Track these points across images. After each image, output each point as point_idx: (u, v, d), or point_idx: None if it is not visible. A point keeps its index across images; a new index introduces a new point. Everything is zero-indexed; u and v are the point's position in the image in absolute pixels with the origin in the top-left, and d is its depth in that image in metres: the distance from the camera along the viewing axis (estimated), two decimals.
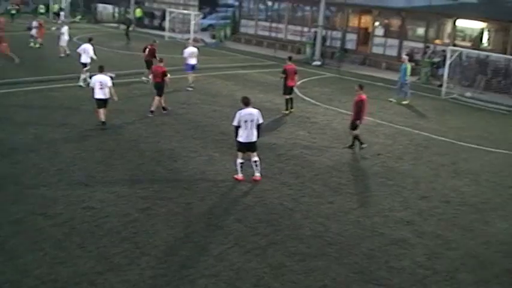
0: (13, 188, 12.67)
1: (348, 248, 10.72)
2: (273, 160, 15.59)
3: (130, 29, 39.98)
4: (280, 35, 41.63)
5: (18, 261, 9.56)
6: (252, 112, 13.43)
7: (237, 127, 13.44)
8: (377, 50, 35.98)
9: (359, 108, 16.64)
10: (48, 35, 36.83)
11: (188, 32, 41.89)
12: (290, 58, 21.95)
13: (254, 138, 13.54)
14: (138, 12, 51.83)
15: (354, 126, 16.90)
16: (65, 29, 31.84)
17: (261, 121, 13.56)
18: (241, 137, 13.47)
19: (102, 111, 17.65)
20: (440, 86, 27.30)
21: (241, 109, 13.51)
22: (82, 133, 17.07)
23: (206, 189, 13.22)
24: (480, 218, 12.57)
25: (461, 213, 12.76)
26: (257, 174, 13.83)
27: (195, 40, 40.50)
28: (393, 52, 34.88)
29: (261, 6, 44.92)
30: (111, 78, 18.23)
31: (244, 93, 23.56)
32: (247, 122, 13.34)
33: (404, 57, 25.39)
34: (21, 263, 9.49)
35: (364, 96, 16.76)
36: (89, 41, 24.81)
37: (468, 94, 26.81)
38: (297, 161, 15.74)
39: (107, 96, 17.57)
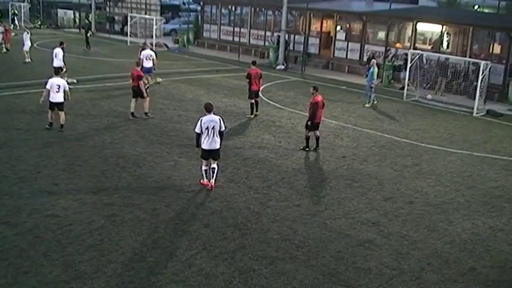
0: None
1: (315, 250, 10.77)
2: (239, 164, 15.58)
3: (89, 34, 39.43)
4: (243, 40, 41.66)
5: None
6: (214, 119, 13.19)
7: (199, 134, 13.25)
8: (339, 53, 36.30)
9: (314, 110, 16.98)
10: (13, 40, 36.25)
11: (151, 36, 41.61)
12: (254, 63, 22.05)
13: (217, 146, 13.33)
14: (93, 17, 51.36)
15: (308, 127, 17.21)
16: (26, 35, 31.40)
17: (223, 128, 13.37)
18: (204, 144, 13.27)
19: (52, 113, 17.78)
20: (402, 88, 27.72)
21: (203, 116, 13.35)
22: (45, 140, 16.77)
23: (172, 195, 13.13)
24: (444, 218, 12.78)
25: (426, 214, 12.95)
26: (212, 181, 13.54)
27: (158, 45, 40.39)
28: (355, 56, 35.27)
29: (224, 11, 44.92)
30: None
31: (209, 98, 23.80)
32: (209, 128, 13.12)
33: (373, 60, 25.73)
34: None
35: (319, 97, 17.12)
36: (60, 44, 24.92)
37: (429, 96, 27.27)
38: (263, 164, 15.77)
39: (63, 99, 17.75)
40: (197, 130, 13.24)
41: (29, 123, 18.46)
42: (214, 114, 13.32)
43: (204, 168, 13.61)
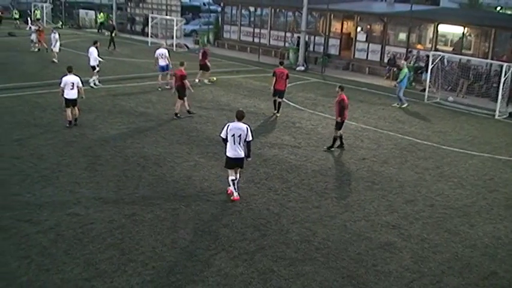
0: None
1: (335, 252, 10.73)
2: (259, 165, 15.58)
3: (113, 34, 39.72)
4: (263, 41, 41.67)
5: (3, 268, 9.45)
6: (241, 127, 12.61)
7: (224, 139, 12.80)
8: (360, 55, 36.14)
9: (341, 107, 17.08)
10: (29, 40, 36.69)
11: (171, 37, 41.80)
12: (281, 63, 22.58)
13: (241, 155, 12.77)
14: (101, 17, 51.62)
15: (337, 125, 17.35)
16: (55, 35, 31.93)
17: (250, 138, 12.75)
18: (229, 152, 12.77)
19: (69, 111, 18.18)
20: (423, 90, 27.52)
21: (231, 121, 12.98)
22: (66, 139, 16.93)
23: (192, 195, 13.17)
24: (465, 221, 12.66)
25: (447, 217, 12.84)
26: (230, 188, 13.06)
27: (179, 46, 40.57)
28: (376, 57, 35.10)
29: (244, 12, 44.98)
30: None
31: (229, 99, 23.90)
32: (235, 136, 12.58)
33: (403, 62, 25.61)
34: (7, 271, 9.39)
35: (344, 96, 17.24)
36: (94, 43, 25.31)
37: (450, 98, 27.04)
38: (283, 166, 15.75)
39: (76, 96, 18.19)
40: (222, 135, 12.77)
41: (51, 123, 18.65)
42: (243, 122, 12.77)
43: (231, 178, 12.97)
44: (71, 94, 18.03)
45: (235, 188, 13.00)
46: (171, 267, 9.81)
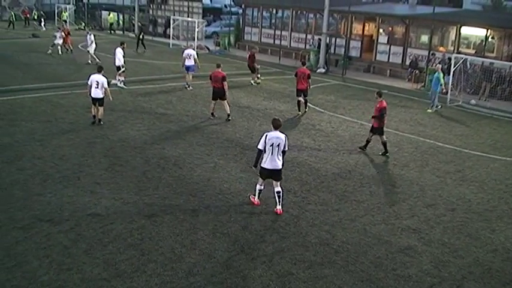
0: (19, 194, 12.71)
1: (354, 255, 10.69)
2: None
3: (141, 37, 39.98)
4: (284, 43, 41.65)
5: (25, 267, 9.57)
6: (279, 136, 12.14)
7: (261, 151, 12.21)
8: (381, 57, 35.96)
9: (382, 114, 17.19)
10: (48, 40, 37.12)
11: (193, 39, 42.00)
12: (303, 63, 23.26)
13: (279, 166, 12.29)
14: (111, 18, 51.98)
15: (373, 130, 17.50)
16: (90, 37, 32.68)
17: (287, 148, 12.39)
18: (265, 163, 12.23)
19: (94, 108, 18.87)
20: (445, 93, 27.26)
21: (268, 131, 12.45)
22: (88, 140, 17.09)
23: (212, 197, 13.21)
24: (487, 226, 12.52)
25: (468, 221, 12.71)
26: (278, 207, 12.44)
27: (200, 47, 40.74)
28: (397, 59, 34.88)
29: (265, 14, 45.00)
30: (109, 83, 18.99)
31: (249, 101, 23.93)
32: (273, 146, 12.07)
33: (438, 65, 25.47)
34: (28, 269, 9.50)
35: (384, 102, 17.31)
36: (120, 44, 25.74)
37: (473, 101, 26.76)
38: (302, 168, 15.73)
39: (102, 95, 18.67)
40: (260, 146, 12.18)
41: (72, 123, 18.85)
42: (281, 131, 12.34)
43: (259, 187, 12.67)
44: (95, 93, 18.53)
45: (259, 196, 12.79)
46: (190, 268, 9.85)
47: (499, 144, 19.79)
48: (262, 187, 12.68)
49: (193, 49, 27.18)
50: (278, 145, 12.12)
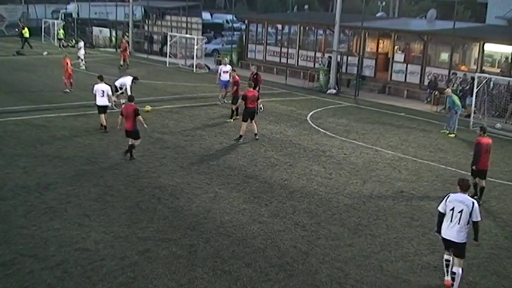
0: (0, 227, 12.68)
1: None
2: (285, 198, 15.55)
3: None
4: (291, 61, 41.87)
5: None
6: (463, 200, 10.91)
7: (442, 214, 11.18)
8: (397, 77, 36.05)
9: (476, 152, 16.31)
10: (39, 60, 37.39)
11: (191, 57, 42.23)
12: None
13: (458, 239, 10.91)
14: (60, 33, 52.74)
15: (472, 172, 16.47)
16: (81, 43, 35.83)
17: (478, 219, 10.90)
18: (443, 230, 11.13)
19: (103, 116, 21.24)
20: (468, 116, 27.27)
21: (453, 192, 11.46)
22: (76, 167, 17.12)
23: (211, 230, 13.17)
24: None
25: (495, 257, 12.63)
26: (455, 284, 11.12)
27: (199, 66, 40.98)
28: (415, 79, 34.97)
29: (270, 30, 45.31)
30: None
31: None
32: (454, 211, 10.89)
33: (448, 90, 25.67)
34: None
35: (484, 139, 16.27)
36: (134, 79, 25.89)
37: (498, 125, 26.75)
38: (312, 198, 15.69)
39: (107, 103, 21.41)
40: (440, 209, 11.22)
41: (59, 149, 18.89)
42: (464, 193, 11.11)
43: (446, 257, 11.39)
44: (101, 101, 21.15)
45: (447, 271, 11.32)
46: None
47: None
48: (449, 257, 11.29)
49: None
50: (461, 211, 10.85)
